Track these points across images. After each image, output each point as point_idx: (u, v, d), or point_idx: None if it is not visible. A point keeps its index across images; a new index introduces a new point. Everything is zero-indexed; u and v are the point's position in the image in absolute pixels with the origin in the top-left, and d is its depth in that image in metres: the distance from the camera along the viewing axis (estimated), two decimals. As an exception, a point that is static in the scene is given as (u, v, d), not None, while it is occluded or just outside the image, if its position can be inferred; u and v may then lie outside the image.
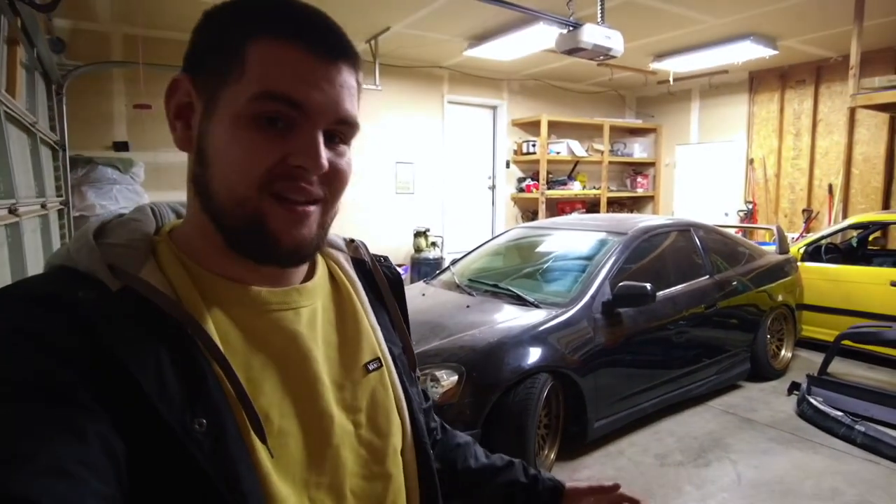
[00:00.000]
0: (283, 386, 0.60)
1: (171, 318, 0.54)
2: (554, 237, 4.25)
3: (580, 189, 7.94)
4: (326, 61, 0.56)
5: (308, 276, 0.68)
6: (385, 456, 0.67)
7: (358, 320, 0.70)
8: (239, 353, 0.57)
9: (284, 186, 0.56)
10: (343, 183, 0.61)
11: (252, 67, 0.54)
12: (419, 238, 6.65)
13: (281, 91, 0.54)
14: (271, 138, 0.55)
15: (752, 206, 7.20)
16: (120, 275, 0.54)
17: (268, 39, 0.55)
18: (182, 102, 0.59)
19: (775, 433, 3.45)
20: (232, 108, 0.55)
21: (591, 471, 3.03)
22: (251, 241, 0.57)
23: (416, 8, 4.62)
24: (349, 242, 0.78)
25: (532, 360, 2.86)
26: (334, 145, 0.60)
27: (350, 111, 0.59)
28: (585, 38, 3.74)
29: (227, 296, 0.60)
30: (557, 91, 7.92)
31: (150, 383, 0.50)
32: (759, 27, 5.22)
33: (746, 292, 4.11)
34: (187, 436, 0.50)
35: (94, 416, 0.46)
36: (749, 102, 7.30)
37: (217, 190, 0.56)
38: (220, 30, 0.57)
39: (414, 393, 0.75)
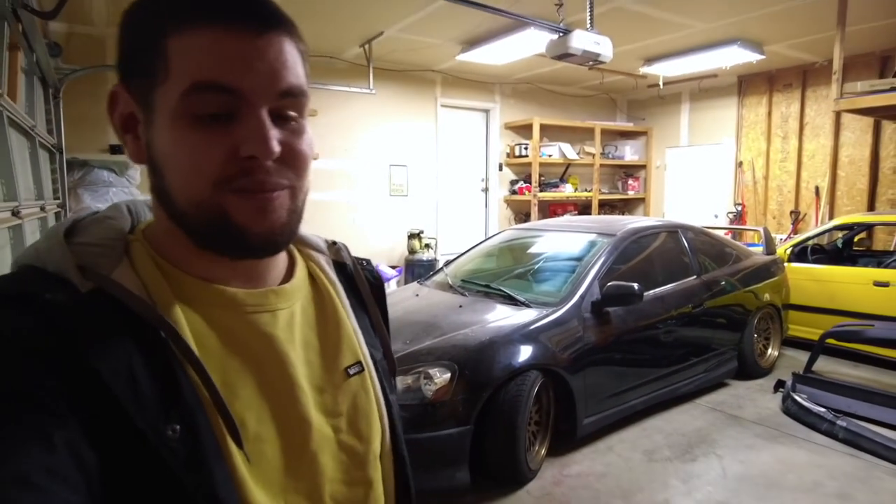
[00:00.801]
0: (259, 390, 0.58)
1: (144, 321, 0.52)
2: (545, 239, 4.33)
3: (572, 191, 8.03)
4: (252, 36, 0.52)
5: (287, 278, 0.66)
6: (366, 461, 0.66)
7: (339, 323, 0.68)
8: (215, 357, 0.56)
9: (242, 183, 0.53)
10: (304, 162, 0.58)
11: (176, 63, 0.51)
12: (413, 240, 6.71)
13: (210, 80, 0.51)
14: (215, 133, 0.52)
15: (741, 207, 7.31)
16: (91, 276, 0.52)
17: (186, 29, 0.52)
18: (125, 114, 0.56)
19: (761, 429, 3.54)
20: (167, 111, 0.52)
21: (581, 466, 3.11)
22: (220, 239, 0.56)
23: (409, 13, 4.70)
24: (331, 244, 0.77)
25: (522, 359, 2.93)
26: (286, 123, 0.56)
27: (292, 81, 0.55)
28: (574, 44, 3.82)
29: (202, 297, 0.58)
30: (549, 95, 8.01)
31: (121, 388, 0.48)
32: (745, 32, 5.33)
33: (733, 292, 4.20)
34: (161, 442, 0.48)
35: (62, 423, 0.45)
36: (738, 106, 7.41)
37: (176, 197, 0.55)
38: (138, 30, 0.54)
39: (393, 399, 0.73)
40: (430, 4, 4.35)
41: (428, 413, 2.69)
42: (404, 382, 2.75)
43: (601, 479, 2.97)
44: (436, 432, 2.68)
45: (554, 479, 2.97)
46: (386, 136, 6.75)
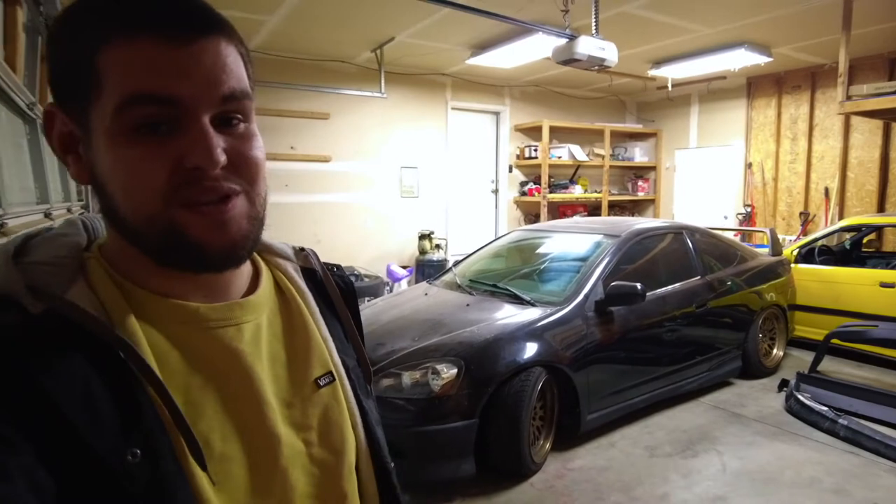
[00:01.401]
0: (224, 408, 0.56)
1: (102, 342, 0.50)
2: (552, 239, 4.42)
3: (581, 192, 8.10)
4: (185, 42, 0.50)
5: (251, 289, 0.64)
6: (339, 475, 0.64)
7: (308, 333, 0.66)
8: (177, 375, 0.54)
9: (190, 193, 0.52)
10: (255, 168, 0.56)
11: (108, 78, 0.49)
12: (423, 240, 6.83)
13: (143, 91, 0.49)
14: (156, 146, 0.50)
15: (750, 209, 7.34)
16: (42, 296, 0.50)
17: (114, 42, 0.49)
18: (63, 132, 0.54)
19: (762, 427, 3.60)
20: (104, 129, 0.50)
21: (584, 461, 3.20)
22: (178, 256, 0.54)
23: (419, 19, 4.81)
24: (298, 251, 0.74)
25: (526, 355, 3.03)
26: (231, 129, 0.54)
27: (233, 85, 0.53)
28: (580, 50, 3.91)
29: (162, 314, 0.56)
30: (558, 97, 8.09)
31: (77, 413, 0.46)
32: (751, 36, 5.38)
33: (737, 292, 4.26)
34: (120, 468, 0.47)
35: (16, 451, 0.43)
36: (747, 107, 7.44)
37: (126, 216, 0.53)
38: (66, 47, 0.52)
39: (369, 406, 0.71)
40: (438, 11, 4.47)
41: (434, 406, 2.80)
42: (412, 377, 2.87)
43: (603, 473, 3.06)
44: (442, 425, 2.79)
45: (557, 473, 3.06)
46: (397, 138, 6.87)
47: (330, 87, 6.18)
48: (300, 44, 5.64)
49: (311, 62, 6.13)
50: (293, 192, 6.26)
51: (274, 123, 6.05)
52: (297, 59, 6.04)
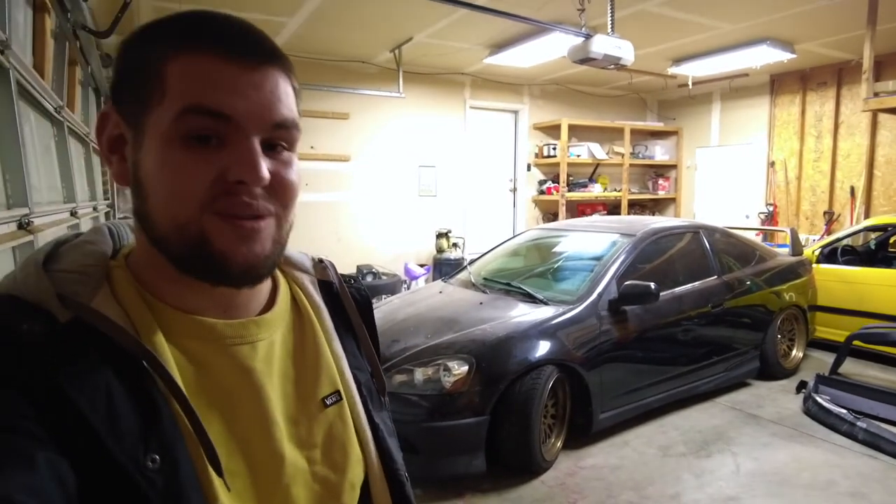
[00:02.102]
0: (232, 425, 0.58)
1: (124, 350, 0.52)
2: (567, 238, 4.43)
3: (601, 191, 8.06)
4: (250, 67, 0.54)
5: (269, 304, 0.66)
6: (341, 491, 0.65)
7: (318, 351, 0.68)
8: (190, 389, 0.55)
9: (226, 204, 0.54)
10: (292, 194, 0.59)
11: (173, 86, 0.53)
12: (441, 239, 6.87)
13: (205, 104, 0.52)
14: (205, 156, 0.53)
15: (772, 208, 7.22)
16: (70, 305, 0.52)
17: (185, 55, 0.53)
18: (113, 135, 0.57)
19: (778, 428, 3.57)
20: (159, 132, 0.53)
21: (596, 459, 3.21)
22: (200, 265, 0.56)
23: (437, 19, 4.85)
24: (317, 263, 0.76)
25: (538, 354, 3.05)
26: (276, 154, 0.58)
27: (285, 114, 0.57)
28: (595, 49, 3.91)
29: (180, 328, 0.58)
30: (578, 95, 8.06)
31: (99, 420, 0.48)
32: (774, 32, 5.30)
33: (755, 292, 4.22)
34: (139, 473, 0.49)
35: (43, 445, 0.46)
36: (770, 105, 7.32)
37: (158, 220, 0.55)
38: (137, 55, 0.56)
39: (382, 419, 0.72)
40: (456, 12, 4.50)
41: (446, 403, 2.84)
42: (424, 374, 2.91)
43: (615, 472, 3.07)
44: (453, 421, 2.83)
45: (568, 471, 3.08)
46: (415, 138, 6.93)
47: (349, 88, 6.25)
48: (320, 45, 5.72)
49: (330, 63, 6.21)
50: (313, 191, 6.36)
51: (294, 123, 6.13)
52: (317, 59, 6.12)
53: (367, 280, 6.14)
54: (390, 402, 2.68)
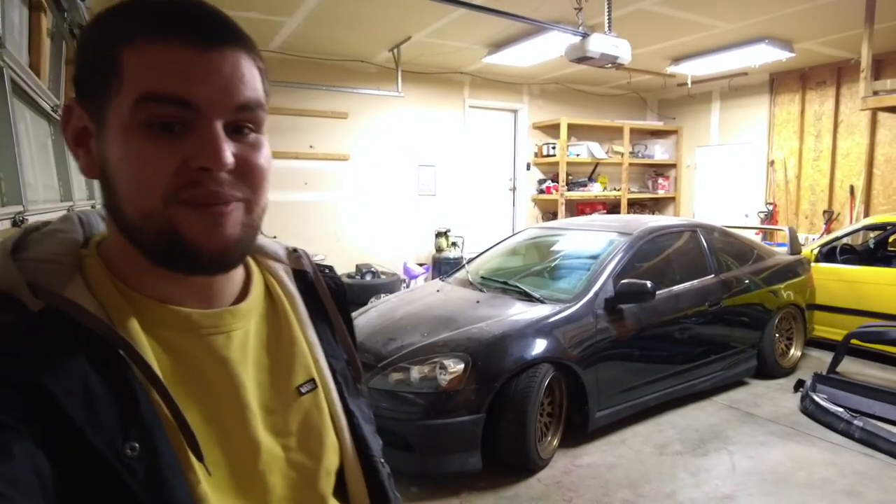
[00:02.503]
0: (208, 413, 0.58)
1: (100, 339, 0.52)
2: (565, 237, 4.43)
3: (600, 191, 8.06)
4: (208, 50, 0.53)
5: (243, 294, 0.66)
6: (317, 478, 0.65)
7: (293, 340, 0.68)
8: (166, 377, 0.55)
9: (192, 194, 0.54)
10: (260, 177, 0.58)
11: (130, 74, 0.52)
12: (440, 238, 6.88)
13: (162, 91, 0.51)
14: (167, 144, 0.53)
15: (772, 207, 7.22)
16: (42, 294, 0.51)
17: (141, 41, 0.52)
18: (77, 128, 0.57)
19: (775, 427, 3.57)
20: (119, 123, 0.52)
21: (592, 458, 3.21)
22: (172, 255, 0.55)
23: (435, 19, 4.86)
24: (290, 252, 0.76)
25: (534, 352, 3.06)
26: (242, 137, 0.57)
27: (249, 95, 0.56)
28: (592, 48, 3.91)
29: (154, 318, 0.57)
30: (577, 94, 8.06)
31: (76, 408, 0.48)
32: (772, 31, 5.30)
33: (753, 291, 4.22)
34: (118, 461, 0.49)
35: (19, 436, 0.45)
36: (770, 104, 7.32)
37: (127, 211, 0.54)
38: (94, 44, 0.55)
39: (358, 406, 0.73)
40: (454, 11, 4.50)
41: (442, 401, 2.85)
42: (421, 371, 2.92)
43: (611, 470, 3.07)
44: (449, 419, 2.83)
45: (564, 469, 3.09)
46: (414, 137, 6.93)
47: (348, 87, 6.26)
48: (319, 44, 5.73)
49: (329, 62, 6.22)
50: (312, 190, 6.37)
51: (294, 123, 6.15)
52: (316, 59, 6.13)
53: (367, 279, 6.15)
54: (387, 399, 2.68)
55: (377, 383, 2.96)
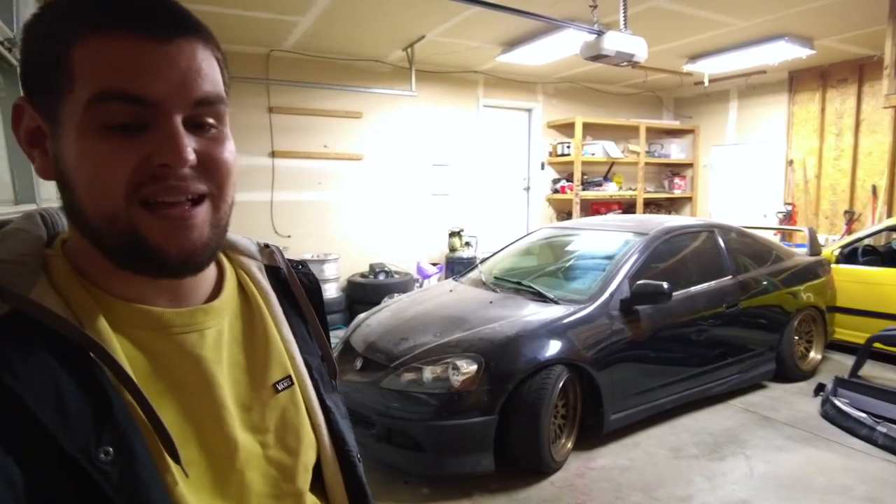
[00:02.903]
0: (184, 413, 0.57)
1: (70, 342, 0.50)
2: (579, 237, 4.39)
3: (616, 190, 7.98)
4: (161, 42, 0.51)
5: (216, 293, 0.65)
6: (295, 474, 0.65)
7: (268, 338, 0.67)
8: (140, 378, 0.54)
9: (153, 190, 0.52)
10: (225, 171, 0.56)
11: (81, 73, 0.50)
12: (453, 238, 6.85)
13: (115, 88, 0.49)
14: (125, 143, 0.51)
15: (791, 207, 7.09)
16: (7, 296, 0.49)
17: (90, 38, 0.50)
18: (30, 128, 0.54)
19: (794, 431, 3.50)
20: (74, 123, 0.50)
21: (606, 460, 3.18)
22: (136, 259, 0.54)
23: (449, 17, 4.83)
24: (263, 248, 0.74)
25: (548, 353, 3.03)
26: (204, 132, 0.55)
27: (207, 90, 0.54)
28: (607, 46, 3.87)
29: (125, 318, 0.56)
30: (592, 93, 7.99)
31: (47, 413, 0.47)
32: (791, 28, 5.20)
33: (771, 293, 4.14)
34: (92, 466, 0.47)
35: None
36: (789, 102, 7.19)
37: (87, 213, 0.52)
38: (41, 41, 0.52)
39: (334, 402, 0.72)
40: (468, 9, 4.48)
41: (454, 401, 2.83)
42: (433, 372, 2.90)
43: (624, 473, 3.03)
44: (462, 420, 2.81)
45: (577, 471, 3.05)
46: (428, 136, 6.91)
47: (362, 87, 6.26)
48: (332, 44, 5.73)
49: (343, 62, 6.22)
50: (326, 190, 6.38)
51: (307, 123, 6.17)
52: (329, 58, 6.14)
53: (380, 278, 6.14)
54: (399, 400, 2.66)
55: (389, 383, 2.95)
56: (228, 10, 4.50)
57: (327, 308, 5.86)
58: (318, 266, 5.97)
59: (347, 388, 3.11)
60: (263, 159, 6.01)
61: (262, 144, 5.98)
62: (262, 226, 6.05)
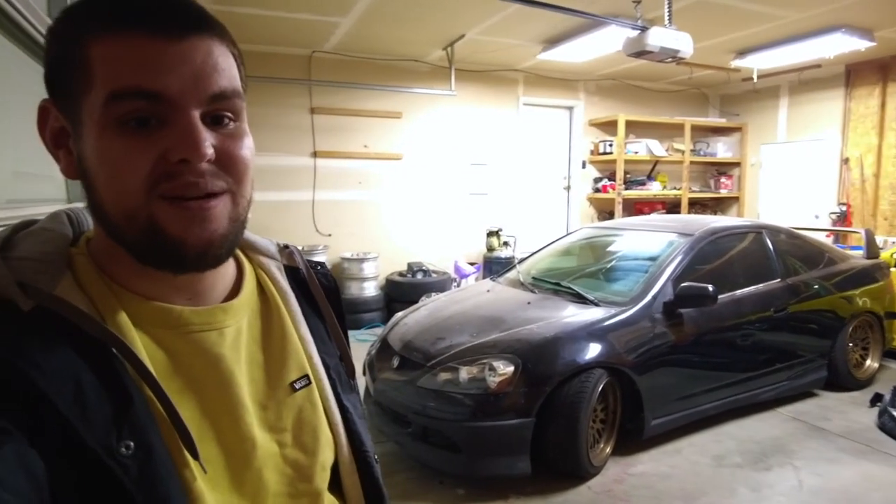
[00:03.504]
0: (202, 410, 0.57)
1: (92, 337, 0.51)
2: (621, 237, 4.30)
3: (659, 189, 7.79)
4: (176, 39, 0.52)
5: (235, 290, 0.65)
6: (312, 473, 0.65)
7: (286, 336, 0.68)
8: (160, 374, 0.55)
9: (172, 186, 0.52)
10: (243, 167, 0.57)
11: (98, 71, 0.51)
12: (491, 237, 6.82)
13: (133, 86, 0.50)
14: (143, 139, 0.52)
15: (845, 208, 6.78)
16: (32, 293, 0.50)
17: (106, 37, 0.51)
18: (55, 129, 0.56)
19: (847, 443, 3.34)
20: (93, 121, 0.52)
21: (645, 467, 3.10)
22: (156, 253, 0.55)
23: (489, 15, 4.81)
24: (282, 248, 0.75)
25: (587, 356, 2.97)
26: (222, 127, 0.55)
27: (223, 85, 0.54)
28: (651, 41, 3.77)
29: (146, 316, 0.57)
30: (635, 90, 7.82)
31: (68, 407, 0.47)
32: (850, 18, 4.96)
33: (823, 297, 3.97)
34: (112, 459, 0.48)
35: (10, 437, 0.44)
36: (845, 97, 6.87)
37: (109, 210, 0.54)
38: (61, 43, 0.54)
39: (351, 402, 0.73)
40: (508, 7, 4.44)
41: (490, 402, 2.81)
42: (469, 372, 2.89)
43: (664, 481, 2.96)
44: (498, 421, 2.79)
45: (616, 477, 2.99)
46: (466, 136, 6.90)
47: (402, 87, 6.29)
48: (373, 44, 5.79)
49: (383, 62, 6.27)
50: (366, 189, 6.45)
51: (349, 123, 6.25)
52: (370, 59, 6.20)
53: (418, 277, 6.17)
54: (435, 399, 2.66)
55: (425, 382, 2.96)
56: (273, 13, 4.60)
57: (366, 306, 5.97)
58: (357, 264, 6.04)
59: (385, 386, 3.13)
60: (305, 159, 6.12)
61: (305, 145, 6.09)
62: (303, 225, 6.16)
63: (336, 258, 6.15)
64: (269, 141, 5.81)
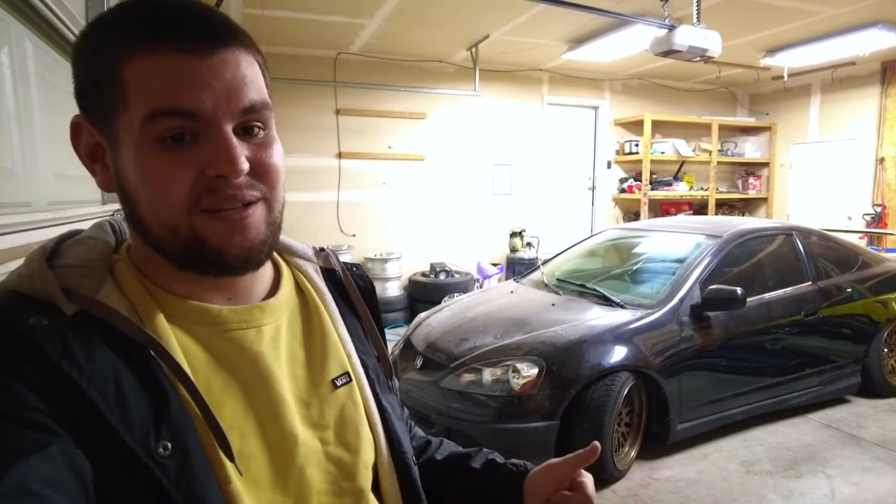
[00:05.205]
0: (244, 407, 0.59)
1: (131, 340, 0.53)
2: (648, 239, 4.25)
3: (686, 190, 7.67)
4: (204, 55, 0.53)
5: (273, 291, 0.67)
6: (355, 471, 0.65)
7: (325, 334, 0.69)
8: (200, 374, 0.56)
9: (212, 200, 0.55)
10: (276, 175, 0.59)
11: (133, 91, 0.52)
12: (515, 238, 6.80)
13: (167, 105, 0.52)
14: (181, 156, 0.53)
15: (880, 209, 6.60)
16: (75, 298, 0.53)
17: (137, 55, 0.52)
18: (91, 144, 0.57)
19: (884, 452, 3.25)
20: (131, 139, 0.53)
21: (672, 471, 3.06)
22: (199, 262, 0.57)
23: (514, 16, 4.79)
24: (318, 251, 0.77)
25: (613, 359, 2.95)
26: (252, 137, 0.57)
27: (254, 97, 0.56)
28: (679, 40, 3.72)
29: (186, 315, 0.59)
30: (662, 90, 7.72)
31: (109, 408, 0.49)
32: (887, 14, 4.82)
33: (857, 301, 3.87)
34: (151, 459, 0.50)
35: (56, 436, 0.46)
36: (881, 95, 6.68)
37: (150, 224, 0.56)
38: (91, 61, 0.55)
39: (390, 403, 0.73)
40: (533, 7, 4.42)
41: (515, 405, 2.80)
42: (493, 374, 2.89)
43: (691, 486, 2.91)
44: (522, 424, 2.78)
45: (642, 482, 2.96)
46: (490, 136, 6.88)
47: (426, 88, 6.31)
48: (398, 46, 5.81)
49: (408, 63, 6.29)
50: (390, 190, 6.48)
51: (373, 124, 6.28)
52: (394, 60, 6.22)
53: (441, 278, 6.18)
54: (459, 400, 2.65)
55: (449, 383, 2.96)
56: (302, 15, 4.65)
57: (389, 306, 6.01)
58: (380, 264, 6.07)
59: (408, 386, 3.14)
60: (330, 160, 6.17)
61: (330, 145, 6.14)
62: (328, 225, 6.22)
63: (360, 258, 6.19)
64: (294, 142, 5.88)
